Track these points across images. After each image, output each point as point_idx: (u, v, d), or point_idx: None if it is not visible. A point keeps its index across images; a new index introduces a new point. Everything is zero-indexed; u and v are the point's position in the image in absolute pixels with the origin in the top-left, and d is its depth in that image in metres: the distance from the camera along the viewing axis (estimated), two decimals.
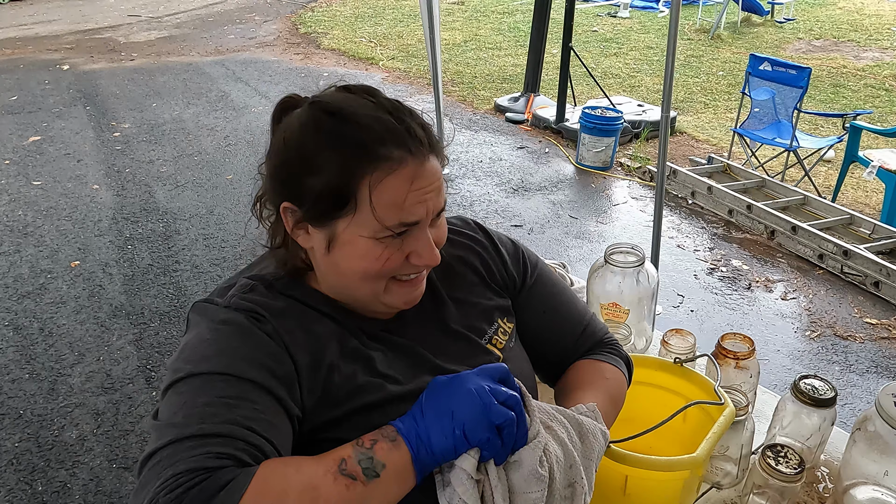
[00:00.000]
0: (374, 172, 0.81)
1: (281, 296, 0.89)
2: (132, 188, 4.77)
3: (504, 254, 1.07)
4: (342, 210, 0.83)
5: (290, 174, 0.86)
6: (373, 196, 0.82)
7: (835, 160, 5.16)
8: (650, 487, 0.98)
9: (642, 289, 1.48)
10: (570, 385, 1.03)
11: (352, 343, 0.89)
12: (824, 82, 7.30)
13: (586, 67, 5.96)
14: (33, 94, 6.76)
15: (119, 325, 3.29)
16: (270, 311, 0.85)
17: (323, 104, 0.86)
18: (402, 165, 0.82)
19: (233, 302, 0.86)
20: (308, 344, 0.85)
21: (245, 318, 0.84)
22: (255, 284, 0.90)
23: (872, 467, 1.08)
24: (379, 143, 0.82)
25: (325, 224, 0.85)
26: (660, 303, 3.25)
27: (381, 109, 0.85)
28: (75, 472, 2.46)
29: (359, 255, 0.85)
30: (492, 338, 0.99)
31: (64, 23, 10.08)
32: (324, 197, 0.83)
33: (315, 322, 0.88)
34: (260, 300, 0.87)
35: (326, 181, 0.82)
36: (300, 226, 0.87)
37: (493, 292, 1.03)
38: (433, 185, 0.85)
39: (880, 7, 10.82)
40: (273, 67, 7.82)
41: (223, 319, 0.84)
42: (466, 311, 0.99)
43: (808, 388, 1.17)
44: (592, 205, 4.70)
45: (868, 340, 3.26)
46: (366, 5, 11.36)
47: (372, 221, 0.82)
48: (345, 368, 0.86)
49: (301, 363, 0.83)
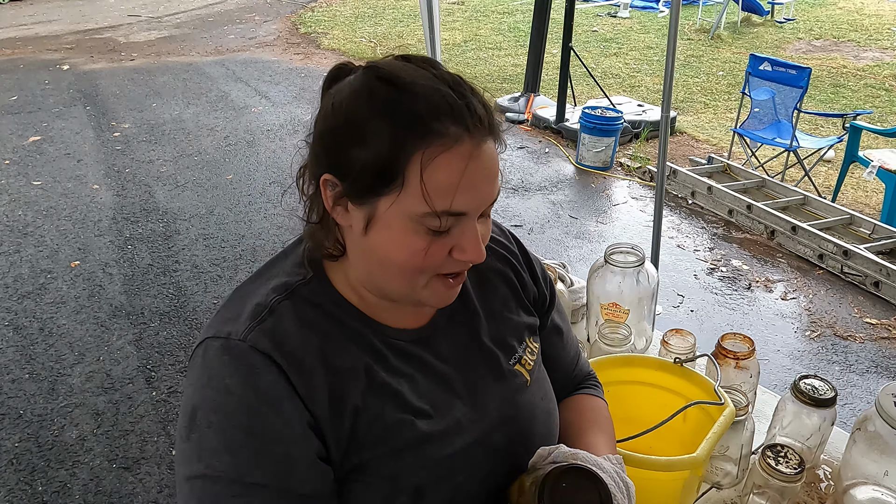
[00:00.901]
0: (427, 148, 0.73)
1: (307, 306, 0.82)
2: (132, 188, 4.77)
3: (536, 270, 1.02)
4: (388, 187, 0.75)
5: (335, 143, 0.78)
6: (424, 174, 0.73)
7: (835, 160, 5.16)
8: (650, 487, 0.98)
9: (642, 289, 1.48)
10: (582, 423, 1.01)
11: (379, 377, 0.82)
12: (824, 82, 7.30)
13: (586, 67, 5.96)
14: (33, 94, 6.76)
15: (119, 325, 3.29)
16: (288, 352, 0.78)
17: (379, 70, 0.77)
18: (459, 143, 0.74)
19: (250, 338, 0.78)
20: (329, 388, 0.78)
21: (255, 382, 0.76)
22: (274, 305, 0.81)
23: (872, 467, 1.08)
24: (435, 117, 0.74)
25: (366, 201, 0.77)
26: (660, 303, 3.24)
27: (441, 81, 0.77)
28: (75, 472, 2.46)
29: (398, 242, 0.77)
30: (521, 357, 0.94)
31: (64, 23, 10.08)
32: (368, 170, 0.75)
33: (340, 350, 0.81)
34: (279, 332, 0.79)
35: (374, 153, 0.74)
36: (340, 201, 0.79)
37: (524, 309, 0.99)
38: (490, 174, 0.78)
39: (880, 7, 10.82)
40: (273, 67, 7.82)
41: (228, 388, 0.76)
42: (498, 327, 0.94)
43: (808, 388, 1.17)
44: (592, 205, 4.69)
45: (868, 340, 3.26)
46: (366, 5, 11.37)
47: (419, 203, 0.74)
48: (372, 408, 0.80)
49: (322, 417, 0.77)
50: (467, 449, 0.84)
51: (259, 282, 0.86)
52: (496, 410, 0.87)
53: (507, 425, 0.88)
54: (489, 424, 0.86)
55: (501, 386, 0.90)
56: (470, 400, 0.87)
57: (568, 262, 1.91)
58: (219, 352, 0.78)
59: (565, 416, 1.01)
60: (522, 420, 0.89)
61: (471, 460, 0.84)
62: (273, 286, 0.83)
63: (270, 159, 5.16)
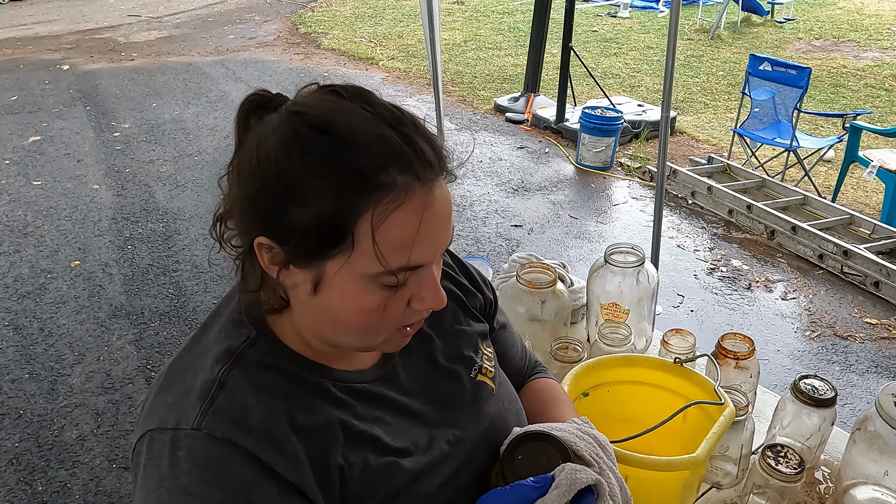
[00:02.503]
0: (376, 206, 0.66)
1: (259, 370, 0.74)
2: (132, 188, 4.77)
3: (474, 275, 1.01)
4: (335, 248, 0.68)
5: (269, 205, 0.68)
6: (376, 234, 0.67)
7: (835, 160, 5.16)
8: (650, 487, 0.98)
9: (642, 289, 1.48)
10: (545, 402, 1.04)
11: (354, 427, 0.76)
12: (824, 82, 7.30)
13: (586, 67, 5.96)
14: (33, 94, 6.76)
15: (119, 325, 3.29)
16: (252, 427, 0.69)
17: (308, 117, 0.68)
18: (410, 195, 0.67)
19: (204, 425, 0.68)
20: (307, 453, 0.71)
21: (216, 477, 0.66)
22: (223, 377, 0.72)
23: (872, 467, 1.08)
24: (381, 169, 0.66)
25: (311, 264, 0.70)
26: (660, 303, 3.24)
27: (380, 121, 0.69)
28: (75, 472, 2.46)
29: (352, 303, 0.71)
30: (482, 367, 0.93)
31: (64, 23, 10.08)
32: (311, 233, 0.67)
33: (308, 409, 0.74)
34: (236, 408, 0.70)
35: (316, 215, 0.66)
36: (280, 263, 0.71)
37: (472, 318, 0.97)
38: (444, 216, 0.71)
39: (880, 7, 10.82)
40: (273, 67, 7.82)
41: (185, 489, 0.66)
42: (454, 343, 0.92)
43: (808, 388, 1.17)
44: (592, 205, 4.69)
45: (868, 340, 3.26)
46: (366, 5, 11.37)
47: (372, 263, 0.68)
48: (356, 462, 0.75)
49: (307, 485, 0.70)
50: (455, 473, 0.83)
51: (196, 352, 0.77)
52: (472, 426, 0.87)
53: (486, 438, 0.88)
54: (470, 443, 0.86)
55: (470, 403, 0.89)
56: (444, 427, 0.85)
57: (568, 262, 1.91)
58: (169, 448, 0.68)
59: (525, 402, 1.02)
60: (497, 430, 0.89)
61: (460, 482, 0.83)
62: (215, 356, 0.74)
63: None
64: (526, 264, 1.52)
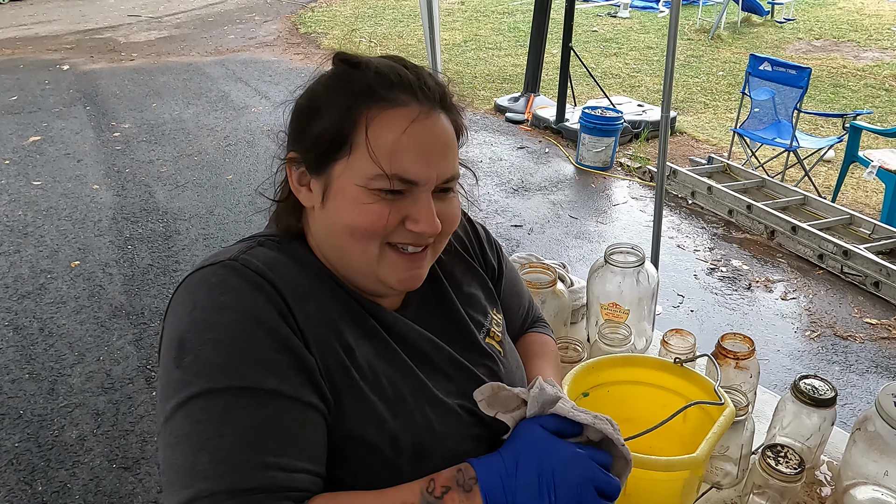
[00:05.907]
0: (371, 107, 0.77)
1: (290, 258, 0.82)
2: (132, 188, 4.77)
3: (483, 241, 1.06)
4: (339, 151, 0.78)
5: (298, 121, 0.83)
6: (368, 132, 0.76)
7: (835, 160, 5.16)
8: (650, 487, 0.98)
9: (642, 289, 1.48)
10: (529, 353, 1.09)
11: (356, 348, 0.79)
12: (824, 82, 7.30)
13: (586, 67, 5.96)
14: (33, 94, 6.75)
15: (119, 325, 3.29)
16: (281, 275, 0.76)
17: (344, 55, 0.83)
18: (404, 106, 0.78)
19: (241, 259, 0.76)
20: (324, 319, 0.78)
21: (252, 294, 0.73)
22: (263, 240, 0.83)
23: (872, 467, 1.07)
24: (385, 87, 0.78)
25: (323, 171, 0.80)
26: (660, 303, 3.24)
27: (400, 64, 0.82)
28: (75, 472, 2.46)
29: (350, 206, 0.78)
30: (489, 330, 0.96)
31: (64, 23, 10.08)
32: (323, 139, 0.79)
33: (328, 300, 0.80)
34: (270, 260, 0.78)
35: (327, 123, 0.78)
36: (303, 180, 0.83)
37: (480, 281, 1.01)
38: (439, 144, 0.79)
39: (880, 7, 10.82)
40: (273, 67, 7.82)
41: (221, 304, 0.72)
42: (465, 300, 0.96)
43: (808, 388, 1.17)
44: (592, 205, 4.69)
45: (868, 340, 3.26)
46: (366, 5, 11.37)
47: (368, 164, 0.76)
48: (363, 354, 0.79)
49: (318, 341, 0.76)
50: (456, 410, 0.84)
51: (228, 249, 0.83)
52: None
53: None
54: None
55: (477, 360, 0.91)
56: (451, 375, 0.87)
57: (568, 262, 1.91)
58: (206, 275, 0.76)
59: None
60: None
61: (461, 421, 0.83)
62: (250, 238, 0.85)
63: (270, 159, 5.12)
64: (526, 264, 1.52)
